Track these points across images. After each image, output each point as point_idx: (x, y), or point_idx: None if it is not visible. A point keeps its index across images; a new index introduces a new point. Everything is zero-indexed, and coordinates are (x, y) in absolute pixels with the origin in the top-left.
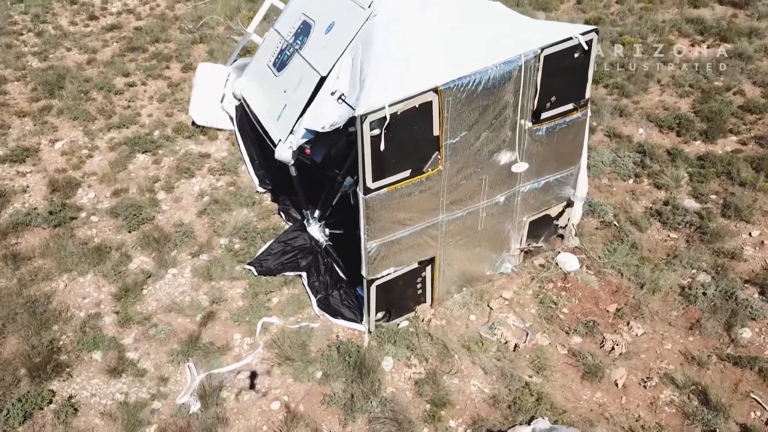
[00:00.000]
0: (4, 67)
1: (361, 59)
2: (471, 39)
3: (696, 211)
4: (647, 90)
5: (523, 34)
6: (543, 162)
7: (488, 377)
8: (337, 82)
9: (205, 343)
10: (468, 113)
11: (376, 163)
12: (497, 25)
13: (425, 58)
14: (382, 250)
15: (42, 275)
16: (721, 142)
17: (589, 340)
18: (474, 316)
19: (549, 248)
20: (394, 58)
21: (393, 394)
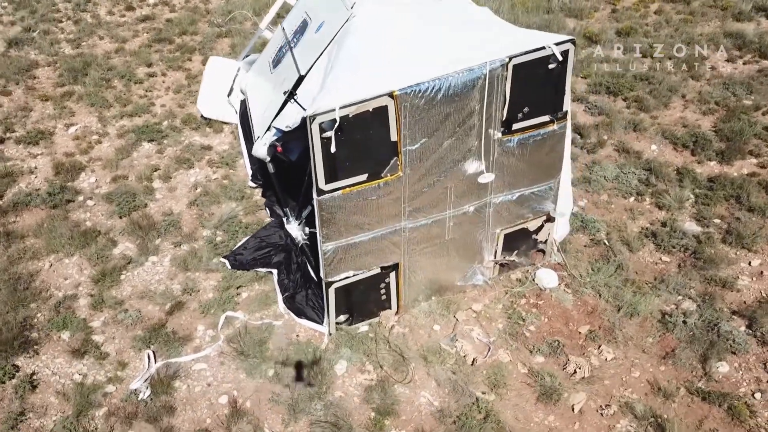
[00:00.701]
0: (38, 53)
1: (332, 60)
2: (440, 45)
3: (695, 235)
4: (668, 105)
5: (495, 42)
6: (516, 174)
7: (440, 390)
8: (309, 82)
9: (169, 332)
10: (428, 120)
11: (329, 164)
12: (472, 32)
13: (389, 62)
14: (339, 253)
15: (30, 254)
16: (738, 164)
17: (552, 361)
18: (438, 327)
19: (528, 263)
20: (359, 61)
21: (340, 398)
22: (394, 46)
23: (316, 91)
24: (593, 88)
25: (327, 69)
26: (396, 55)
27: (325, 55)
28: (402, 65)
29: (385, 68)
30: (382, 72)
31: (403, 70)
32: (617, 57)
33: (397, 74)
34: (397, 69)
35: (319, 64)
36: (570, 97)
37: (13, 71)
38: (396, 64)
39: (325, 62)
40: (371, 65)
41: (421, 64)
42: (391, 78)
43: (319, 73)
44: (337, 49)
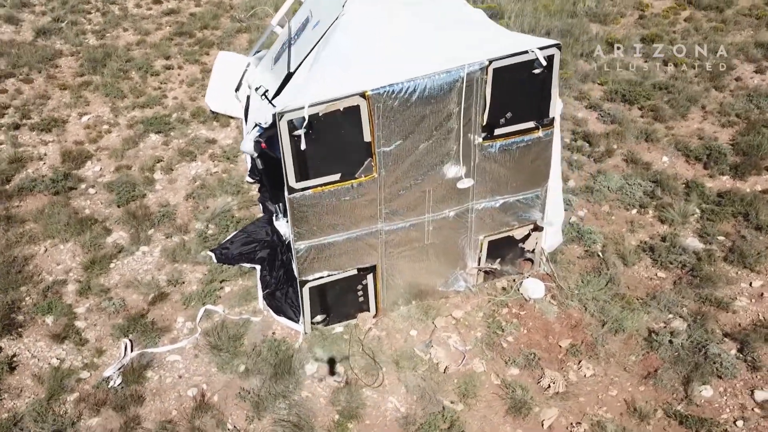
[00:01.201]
0: (64, 42)
1: (316, 57)
2: (422, 46)
3: (695, 252)
4: (686, 116)
5: (478, 45)
6: (499, 181)
7: (408, 396)
8: (298, 78)
9: (148, 322)
10: (402, 122)
11: (300, 163)
12: (458, 34)
13: (368, 61)
14: (313, 252)
15: (27, 238)
16: (752, 180)
17: (526, 374)
18: (415, 332)
19: (515, 272)
20: (339, 59)
21: (306, 398)
22: (376, 45)
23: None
24: (609, 95)
25: (309, 66)
26: (377, 54)
27: (313, 52)
28: (380, 65)
29: (362, 67)
30: (358, 71)
31: (380, 70)
32: (638, 64)
33: (372, 74)
34: (374, 68)
35: (309, 60)
36: (557, 103)
37: (36, 60)
38: (374, 64)
39: (311, 60)
40: (350, 64)
41: (398, 64)
42: (365, 77)
43: (303, 71)
44: (322, 47)
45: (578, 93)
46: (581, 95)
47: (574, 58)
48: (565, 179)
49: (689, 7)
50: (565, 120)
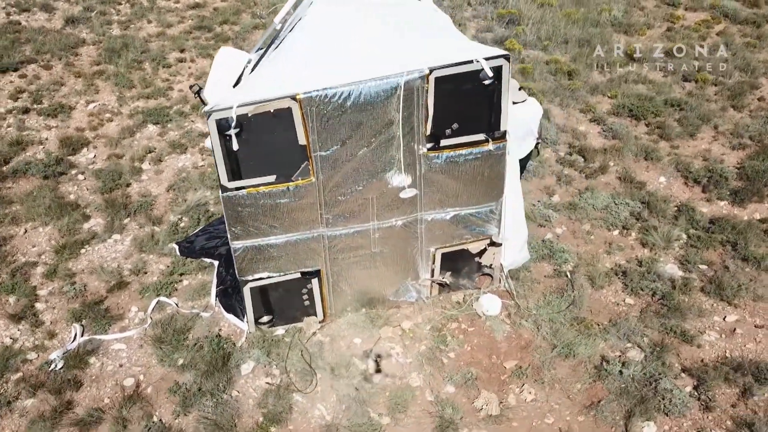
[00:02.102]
0: (89, 32)
1: (266, 57)
2: (369, 51)
3: (671, 279)
4: (695, 135)
5: (426, 52)
6: (447, 192)
7: (338, 405)
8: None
9: (103, 309)
10: (338, 127)
11: (232, 162)
12: (410, 40)
13: (309, 64)
14: (250, 253)
15: (10, 219)
16: (752, 207)
17: (462, 393)
18: (359, 340)
19: (472, 286)
20: (281, 60)
21: (236, 398)
22: (324, 48)
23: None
24: (616, 109)
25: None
26: (321, 57)
27: (269, 51)
28: (320, 68)
29: (301, 69)
30: (296, 73)
31: (317, 73)
32: (656, 79)
33: (309, 76)
34: (313, 71)
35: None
36: (508, 117)
37: (59, 47)
38: (315, 66)
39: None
40: (291, 65)
41: (338, 68)
42: (301, 80)
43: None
44: (275, 47)
45: (584, 105)
46: (587, 108)
47: (587, 69)
48: (551, 194)
49: (725, 21)
50: (565, 133)
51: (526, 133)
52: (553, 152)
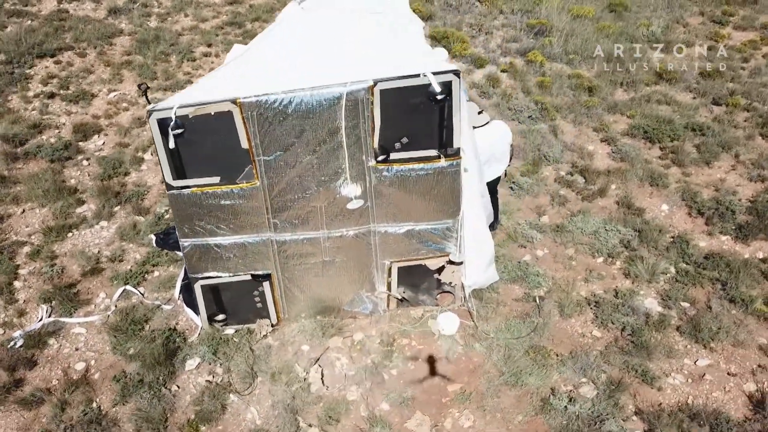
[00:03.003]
0: (128, 23)
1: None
2: (323, 58)
3: (647, 314)
4: (712, 163)
5: (378, 63)
6: (399, 207)
7: (271, 410)
8: None
9: (73, 293)
10: (280, 133)
11: (176, 161)
12: (367, 49)
13: (262, 69)
14: (198, 251)
15: (11, 198)
16: (756, 245)
17: (396, 412)
18: (308, 347)
19: (431, 303)
20: (239, 63)
21: (174, 392)
22: (281, 53)
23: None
24: (631, 130)
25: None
26: (275, 62)
27: None
28: (270, 73)
29: (251, 73)
30: (243, 77)
31: (265, 78)
32: (683, 100)
33: (256, 81)
34: (260, 76)
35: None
36: (464, 135)
37: (96, 36)
38: (267, 71)
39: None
40: (245, 68)
41: (286, 74)
42: (246, 84)
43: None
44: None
45: (599, 124)
46: (601, 126)
47: (611, 86)
48: (541, 214)
49: None
50: (572, 151)
51: (490, 157)
52: (554, 170)
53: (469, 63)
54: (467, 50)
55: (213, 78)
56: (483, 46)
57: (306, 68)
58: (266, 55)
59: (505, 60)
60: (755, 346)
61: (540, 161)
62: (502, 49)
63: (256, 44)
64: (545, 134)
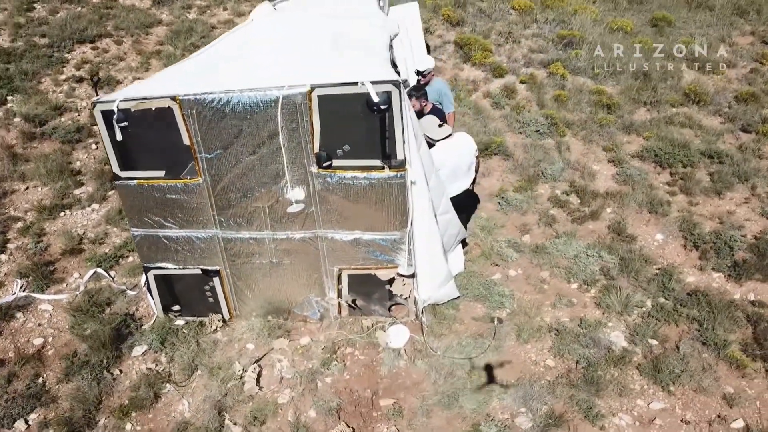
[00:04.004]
0: (169, 13)
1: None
2: (272, 60)
3: (608, 348)
4: (723, 194)
5: (324, 68)
6: (345, 214)
7: (202, 404)
8: None
9: (49, 270)
10: (219, 132)
11: (121, 153)
12: (323, 54)
13: (213, 66)
14: (148, 242)
15: (18, 175)
16: (750, 286)
17: (321, 420)
18: (252, 346)
19: (383, 313)
20: (196, 60)
21: (114, 377)
22: (237, 53)
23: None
24: (642, 152)
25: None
26: (227, 62)
27: None
28: (219, 73)
29: (202, 73)
30: (195, 75)
31: (208, 77)
32: (709, 125)
33: (200, 80)
34: (211, 75)
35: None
36: (411, 146)
37: (136, 25)
38: (216, 71)
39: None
40: (198, 67)
41: (232, 75)
42: (189, 82)
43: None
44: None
45: (611, 143)
46: (612, 146)
47: (633, 104)
48: (524, 232)
49: None
50: (575, 170)
51: (454, 171)
52: (550, 188)
53: (488, 72)
54: (488, 59)
55: (167, 72)
56: (507, 56)
57: (252, 69)
58: (220, 54)
59: (526, 71)
60: (719, 394)
61: (537, 178)
62: (527, 59)
63: (217, 42)
64: (549, 150)
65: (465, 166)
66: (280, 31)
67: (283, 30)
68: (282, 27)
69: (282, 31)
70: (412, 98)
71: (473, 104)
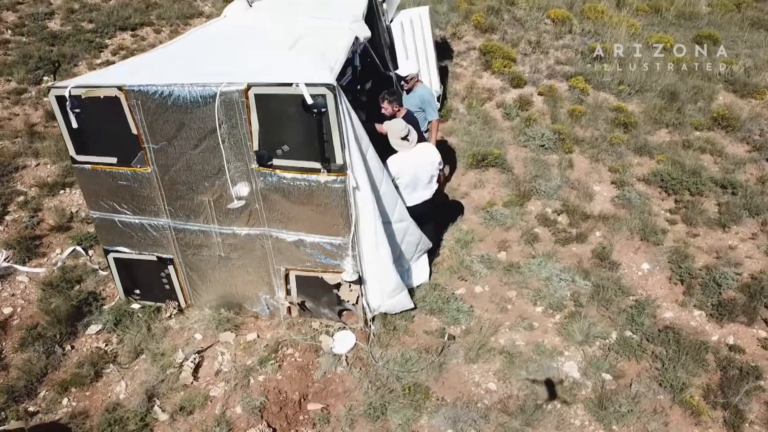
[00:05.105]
0: (211, 6)
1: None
2: (226, 57)
3: (558, 378)
4: (729, 227)
5: (271, 68)
6: (287, 215)
7: (138, 387)
8: None
9: (35, 244)
10: (163, 124)
11: (74, 138)
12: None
13: (169, 59)
14: (104, 224)
15: (32, 152)
16: (731, 328)
17: (244, 417)
18: (200, 337)
19: (334, 318)
20: (165, 50)
21: (66, 352)
22: (195, 48)
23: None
24: (649, 176)
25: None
26: (185, 57)
27: None
28: (170, 66)
29: (155, 64)
30: (147, 67)
31: (160, 70)
32: (733, 152)
33: (150, 72)
34: (161, 68)
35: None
36: (352, 151)
37: (177, 16)
38: (169, 64)
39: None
40: (156, 59)
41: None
42: (139, 73)
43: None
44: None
45: (618, 163)
46: (619, 167)
47: (653, 124)
48: (501, 248)
49: None
50: (574, 189)
51: (414, 181)
52: (542, 205)
53: (506, 81)
54: (510, 68)
55: (128, 62)
56: (532, 66)
57: (202, 64)
58: (181, 48)
59: (547, 82)
60: None
61: (530, 194)
62: (551, 70)
63: (186, 36)
64: (550, 166)
65: (425, 177)
66: (245, 30)
67: (249, 29)
68: (249, 25)
69: (248, 29)
70: (384, 101)
71: (484, 113)
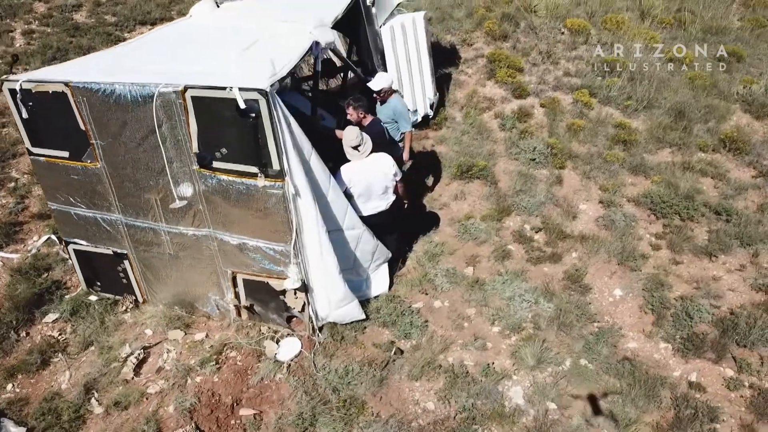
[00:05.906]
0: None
1: None
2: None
3: (499, 404)
4: (716, 256)
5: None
6: (229, 217)
7: (81, 379)
8: None
9: (15, 230)
10: (107, 121)
11: (28, 131)
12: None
13: (125, 57)
14: (61, 216)
15: None
16: (695, 365)
17: (175, 417)
18: (151, 332)
19: (282, 324)
20: (123, 49)
21: (20, 338)
22: (155, 47)
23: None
24: (640, 197)
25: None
26: (143, 55)
27: None
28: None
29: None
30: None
31: (109, 67)
32: (737, 177)
33: (98, 69)
34: (111, 65)
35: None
36: (289, 158)
37: None
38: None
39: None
40: (112, 57)
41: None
42: (90, 70)
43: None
44: None
45: (610, 182)
46: (610, 186)
47: (657, 143)
48: (470, 264)
49: None
50: (557, 206)
51: (368, 191)
52: (521, 222)
53: (509, 91)
54: (514, 78)
55: (82, 59)
56: (539, 76)
57: (149, 64)
58: (138, 46)
59: (552, 94)
60: None
61: (510, 208)
62: (558, 82)
63: (147, 34)
64: (538, 181)
65: (378, 188)
66: (205, 30)
67: (210, 29)
68: (212, 26)
69: (208, 30)
70: (350, 107)
71: (480, 123)
